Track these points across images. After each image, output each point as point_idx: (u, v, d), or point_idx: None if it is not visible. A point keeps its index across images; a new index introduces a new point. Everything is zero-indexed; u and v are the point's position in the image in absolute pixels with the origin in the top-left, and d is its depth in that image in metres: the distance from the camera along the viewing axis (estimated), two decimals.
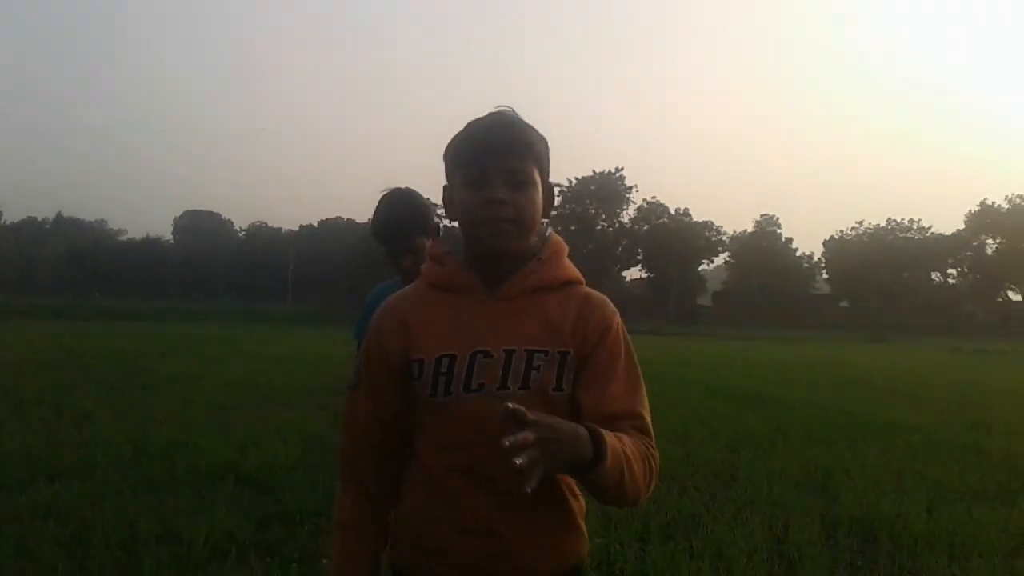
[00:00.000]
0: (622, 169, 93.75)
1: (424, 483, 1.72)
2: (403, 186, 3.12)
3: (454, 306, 1.71)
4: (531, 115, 1.77)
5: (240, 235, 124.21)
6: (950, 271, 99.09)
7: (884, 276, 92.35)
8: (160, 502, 5.64)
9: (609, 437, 1.49)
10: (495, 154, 1.65)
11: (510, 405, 1.36)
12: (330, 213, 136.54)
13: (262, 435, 8.30)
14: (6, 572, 4.20)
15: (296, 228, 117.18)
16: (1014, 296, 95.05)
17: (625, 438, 1.57)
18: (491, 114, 1.72)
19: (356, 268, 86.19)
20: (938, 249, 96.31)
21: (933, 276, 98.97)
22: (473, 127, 1.71)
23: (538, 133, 1.74)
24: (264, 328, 39.12)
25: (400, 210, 3.00)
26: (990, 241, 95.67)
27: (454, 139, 1.73)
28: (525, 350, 1.65)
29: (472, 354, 1.65)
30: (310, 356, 20.08)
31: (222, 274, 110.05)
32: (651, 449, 1.64)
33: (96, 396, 10.92)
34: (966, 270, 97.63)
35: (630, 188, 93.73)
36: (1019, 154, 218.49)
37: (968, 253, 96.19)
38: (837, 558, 4.93)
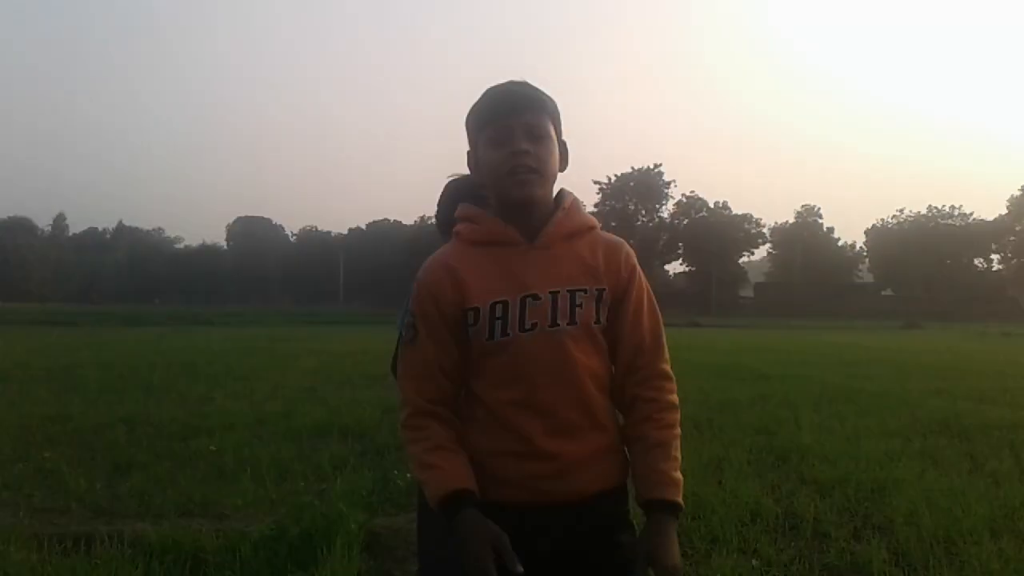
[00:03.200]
0: (660, 165, 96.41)
1: (484, 420, 1.91)
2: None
3: (497, 257, 1.89)
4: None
5: (291, 240, 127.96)
6: (993, 256, 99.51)
7: (926, 264, 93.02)
8: (291, 445, 8.07)
9: (675, 492, 1.89)
10: (515, 111, 1.86)
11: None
12: (377, 216, 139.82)
13: (348, 406, 10.69)
14: (210, 476, 6.59)
15: (345, 232, 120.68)
16: None
17: (666, 440, 1.94)
18: (505, 81, 1.93)
19: (406, 269, 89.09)
20: (980, 235, 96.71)
21: (976, 262, 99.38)
22: (491, 92, 1.92)
23: (547, 95, 1.95)
24: (322, 329, 41.83)
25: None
26: None
27: (475, 105, 1.93)
28: (567, 290, 1.86)
29: (522, 298, 1.85)
30: (372, 351, 22.48)
31: (276, 278, 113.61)
32: (667, 392, 2.00)
33: (206, 385, 13.40)
34: (1009, 255, 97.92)
35: (669, 183, 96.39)
36: None
37: (1011, 238, 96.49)
38: (754, 464, 7.18)
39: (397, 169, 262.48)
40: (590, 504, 1.90)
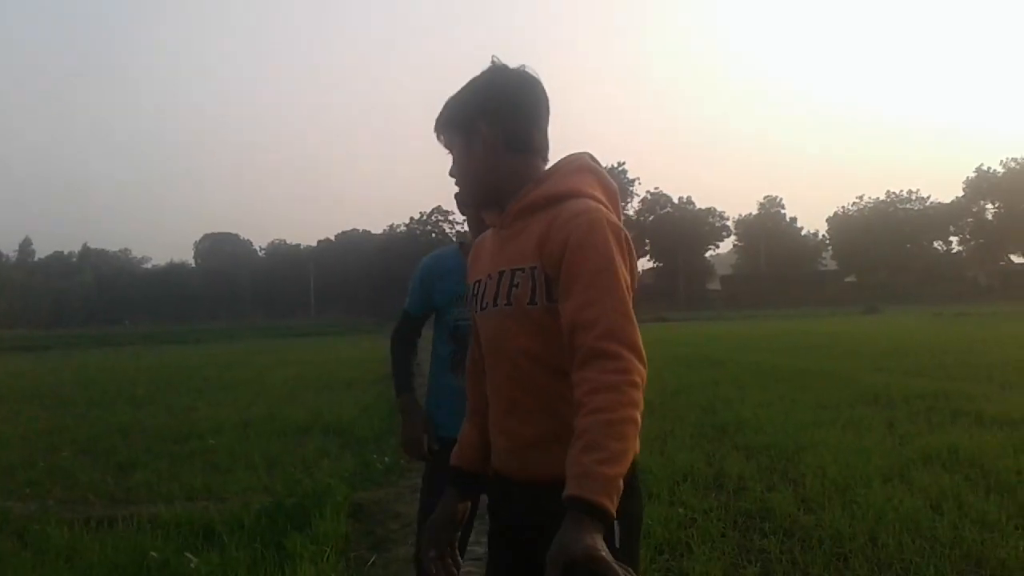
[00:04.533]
0: (624, 163, 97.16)
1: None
2: None
3: (490, 240, 2.01)
4: None
5: (260, 254, 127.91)
6: (952, 239, 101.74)
7: (887, 248, 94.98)
8: (277, 441, 8.84)
9: (589, 487, 1.51)
10: (438, 136, 1.99)
11: None
12: (346, 226, 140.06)
13: (326, 407, 11.46)
14: (207, 469, 7.35)
15: (314, 243, 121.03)
16: (1016, 259, 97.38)
17: (591, 427, 1.57)
18: None
19: (376, 278, 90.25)
20: (938, 218, 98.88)
21: (936, 245, 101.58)
22: None
23: (472, 90, 1.92)
24: (296, 341, 42.51)
25: None
26: (989, 206, 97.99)
27: None
28: (510, 269, 1.85)
29: (485, 279, 1.94)
30: (343, 359, 23.29)
31: (246, 293, 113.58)
32: (601, 372, 1.62)
33: (189, 396, 14.10)
34: (968, 236, 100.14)
35: (633, 181, 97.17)
36: (1012, 119, 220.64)
37: (968, 220, 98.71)
38: (695, 437, 8.03)
39: (364, 179, 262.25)
40: (547, 490, 1.70)
